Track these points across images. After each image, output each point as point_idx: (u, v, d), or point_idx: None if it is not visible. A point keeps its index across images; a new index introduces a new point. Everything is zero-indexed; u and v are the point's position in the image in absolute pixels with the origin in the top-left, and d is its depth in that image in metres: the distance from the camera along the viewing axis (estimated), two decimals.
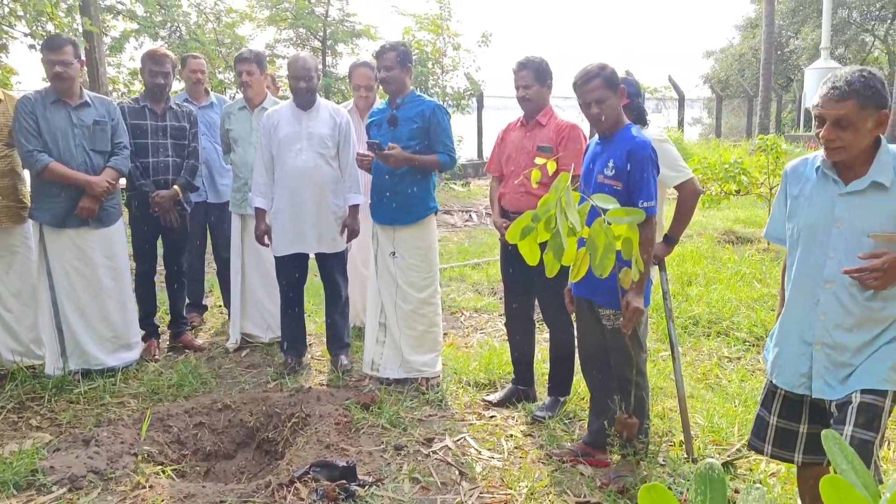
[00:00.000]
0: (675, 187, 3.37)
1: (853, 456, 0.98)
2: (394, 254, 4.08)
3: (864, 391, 2.15)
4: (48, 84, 4.13)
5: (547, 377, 3.99)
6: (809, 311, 2.28)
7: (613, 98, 2.91)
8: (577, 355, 4.09)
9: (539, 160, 2.04)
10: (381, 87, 4.40)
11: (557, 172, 3.76)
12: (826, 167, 2.25)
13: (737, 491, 2.90)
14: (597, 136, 3.10)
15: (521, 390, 3.98)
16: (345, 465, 3.07)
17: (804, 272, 2.29)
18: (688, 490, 2.96)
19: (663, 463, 3.24)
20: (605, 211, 1.87)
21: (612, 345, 3.07)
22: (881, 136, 2.20)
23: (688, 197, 3.38)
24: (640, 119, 3.45)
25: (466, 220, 10.30)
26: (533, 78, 3.70)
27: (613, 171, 2.89)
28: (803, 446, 2.39)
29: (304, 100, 4.24)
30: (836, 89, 2.11)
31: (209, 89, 5.38)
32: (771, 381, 2.44)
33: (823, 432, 1.05)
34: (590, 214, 2.04)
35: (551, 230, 1.88)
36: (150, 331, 4.72)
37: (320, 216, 4.26)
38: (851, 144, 2.14)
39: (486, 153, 13.97)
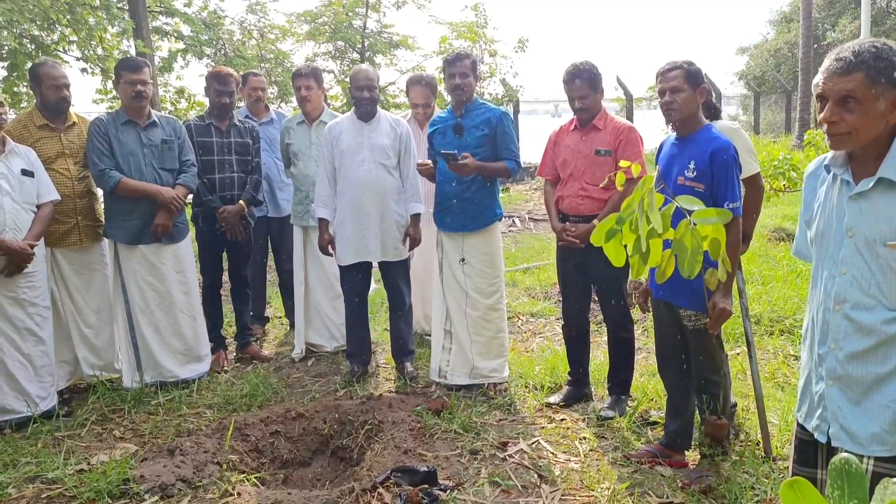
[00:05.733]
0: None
1: None
2: (463, 260, 4.12)
3: (877, 459, 1.82)
4: (101, 106, 4.28)
5: (606, 376, 4.01)
6: (820, 339, 1.92)
7: (689, 93, 2.94)
8: (636, 354, 4.11)
9: (623, 163, 2.07)
10: (437, 98, 4.43)
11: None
12: (835, 165, 1.88)
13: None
14: (673, 136, 3.11)
15: (578, 390, 4.01)
16: (426, 469, 3.12)
17: (816, 291, 1.95)
18: (772, 489, 2.94)
19: (741, 462, 3.22)
20: (690, 212, 1.89)
21: (695, 346, 3.07)
22: None
23: (753, 192, 3.39)
24: (714, 113, 3.44)
25: (510, 226, 10.31)
26: (588, 87, 3.72)
27: (695, 173, 2.90)
28: None
29: (367, 111, 4.31)
30: (841, 61, 1.78)
31: (268, 105, 5.50)
32: (800, 427, 2.04)
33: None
34: (674, 216, 2.01)
35: (636, 232, 1.90)
36: (217, 342, 4.83)
37: (383, 225, 4.32)
38: (859, 129, 1.77)
39: (526, 158, 13.92)
